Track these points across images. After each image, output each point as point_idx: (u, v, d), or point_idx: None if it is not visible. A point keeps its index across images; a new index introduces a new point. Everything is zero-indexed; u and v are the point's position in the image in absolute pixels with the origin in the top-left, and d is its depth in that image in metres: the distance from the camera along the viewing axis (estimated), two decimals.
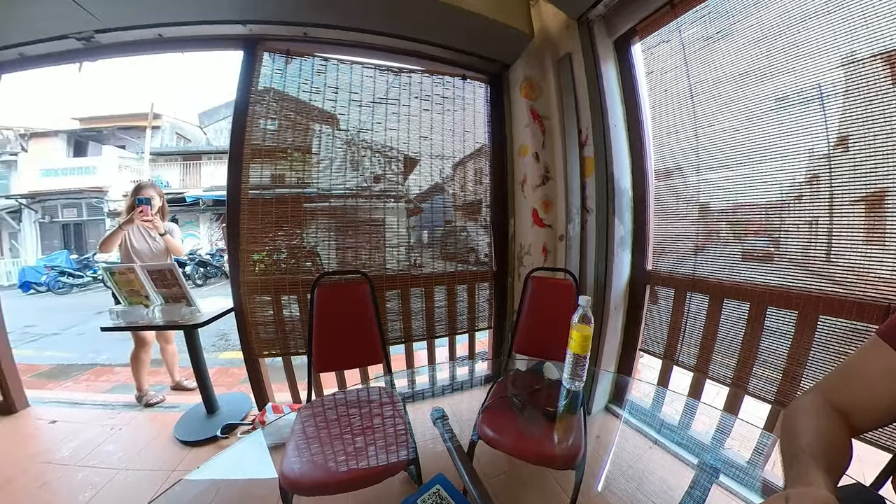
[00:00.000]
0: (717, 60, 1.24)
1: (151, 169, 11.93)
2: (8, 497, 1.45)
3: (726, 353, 1.26)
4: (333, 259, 1.84)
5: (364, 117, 1.84)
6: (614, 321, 1.62)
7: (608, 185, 1.55)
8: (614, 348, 1.65)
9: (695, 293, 1.36)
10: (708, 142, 1.30)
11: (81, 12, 1.59)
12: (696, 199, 1.38)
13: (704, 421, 1.12)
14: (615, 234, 1.55)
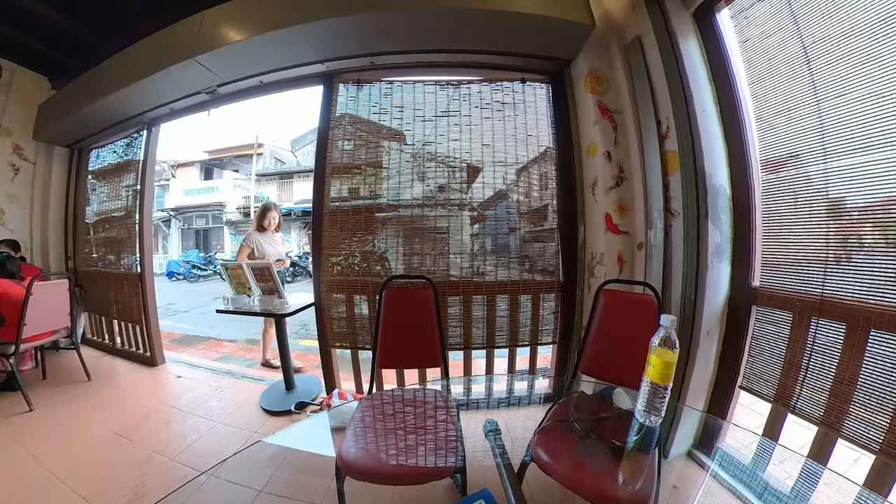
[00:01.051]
0: (844, 6, 0.94)
1: (257, 187, 15.10)
2: (146, 427, 1.97)
3: (873, 405, 0.92)
4: (401, 264, 1.98)
5: (428, 131, 1.94)
6: (706, 348, 1.36)
7: (697, 183, 1.31)
8: (704, 382, 1.39)
9: (824, 319, 1.04)
10: (837, 117, 0.99)
11: (208, 73, 2.13)
12: (824, 195, 1.04)
13: (831, 496, 0.83)
14: (708, 241, 1.30)
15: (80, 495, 1.41)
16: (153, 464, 1.61)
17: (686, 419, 1.18)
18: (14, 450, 1.74)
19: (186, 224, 16.22)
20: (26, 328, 2.20)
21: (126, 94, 2.52)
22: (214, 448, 1.72)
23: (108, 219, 3.35)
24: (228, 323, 4.51)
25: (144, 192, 3.03)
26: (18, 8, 2.43)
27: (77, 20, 2.59)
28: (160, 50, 2.22)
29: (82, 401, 2.29)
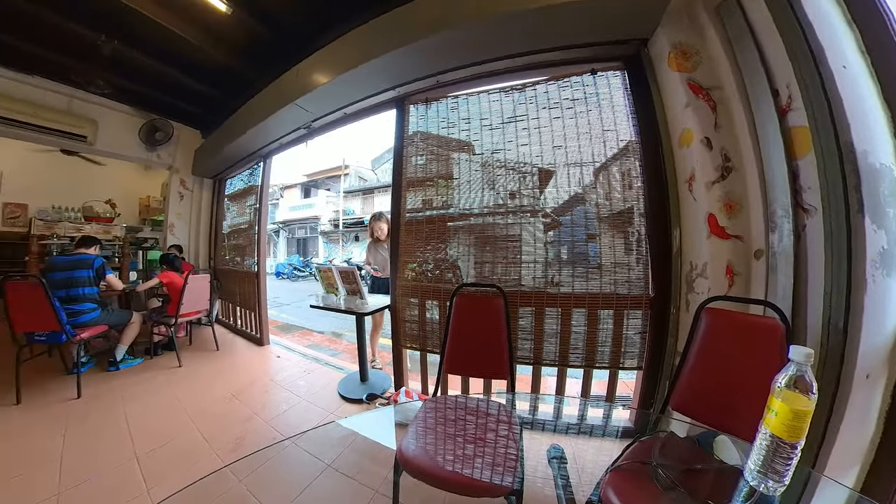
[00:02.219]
0: None
1: (344, 202, 17.56)
2: (251, 392, 2.43)
3: None
4: (472, 272, 1.99)
5: (496, 139, 1.92)
6: (863, 398, 0.94)
7: (844, 166, 0.96)
8: (859, 447, 0.96)
9: None
10: None
11: (304, 112, 2.61)
12: None
13: None
14: (866, 245, 0.93)
15: (201, 434, 1.89)
16: (252, 422, 2.01)
17: (824, 495, 0.79)
18: (166, 392, 2.44)
19: (290, 234, 20.05)
20: (183, 307, 3.04)
21: (249, 136, 3.26)
22: (298, 420, 2.02)
23: (236, 230, 4.32)
24: (319, 317, 5.33)
25: (261, 210, 3.80)
26: (183, 86, 3.45)
27: (216, 89, 3.48)
28: (270, 99, 2.82)
29: (212, 365, 3.03)
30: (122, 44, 2.73)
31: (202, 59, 2.94)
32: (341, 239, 17.85)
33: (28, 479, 1.49)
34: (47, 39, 2.79)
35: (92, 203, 5.24)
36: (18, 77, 3.25)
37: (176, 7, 2.34)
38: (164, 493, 1.28)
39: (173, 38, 2.56)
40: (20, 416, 2.05)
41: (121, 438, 1.84)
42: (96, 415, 2.09)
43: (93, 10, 2.39)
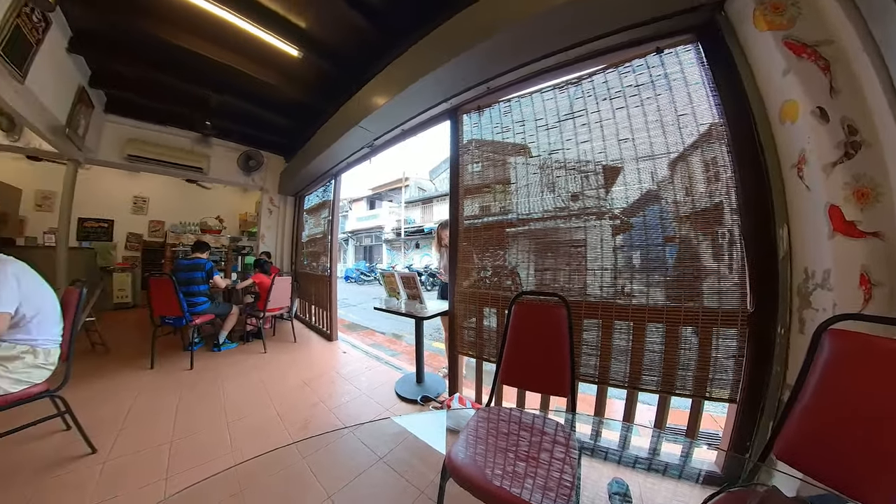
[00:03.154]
0: None
1: (405, 212, 18.58)
2: (319, 382, 2.70)
3: None
4: (532, 279, 1.90)
5: (553, 139, 1.83)
6: None
7: None
8: None
9: None
10: None
11: (367, 132, 2.90)
12: None
13: None
14: None
15: (277, 412, 2.18)
16: (318, 409, 2.23)
17: None
18: (253, 373, 2.89)
19: (358, 242, 22.41)
20: (269, 304, 3.64)
21: (322, 158, 3.74)
22: (357, 412, 2.18)
23: (313, 239, 4.94)
24: (381, 318, 5.75)
25: (333, 221, 4.26)
26: (269, 121, 4.33)
27: (294, 120, 4.22)
28: (338, 124, 3.20)
29: (289, 354, 3.48)
30: (223, 94, 3.56)
31: (281, 97, 3.64)
32: (403, 246, 18.86)
33: (153, 426, 1.97)
34: (173, 99, 3.80)
35: (206, 219, 7.00)
36: (157, 128, 4.43)
37: (258, 58, 2.93)
38: (246, 455, 1.70)
39: (258, 83, 3.21)
40: (152, 378, 2.75)
41: (217, 406, 2.27)
42: (202, 385, 2.64)
43: (202, 72, 3.19)
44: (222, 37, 2.68)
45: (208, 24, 2.53)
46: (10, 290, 1.44)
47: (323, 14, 2.50)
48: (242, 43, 2.71)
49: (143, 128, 4.30)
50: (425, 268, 12.71)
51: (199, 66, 3.05)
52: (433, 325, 4.80)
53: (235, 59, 2.90)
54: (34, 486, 1.44)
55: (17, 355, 1.51)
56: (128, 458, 1.67)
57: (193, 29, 2.63)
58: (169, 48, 2.76)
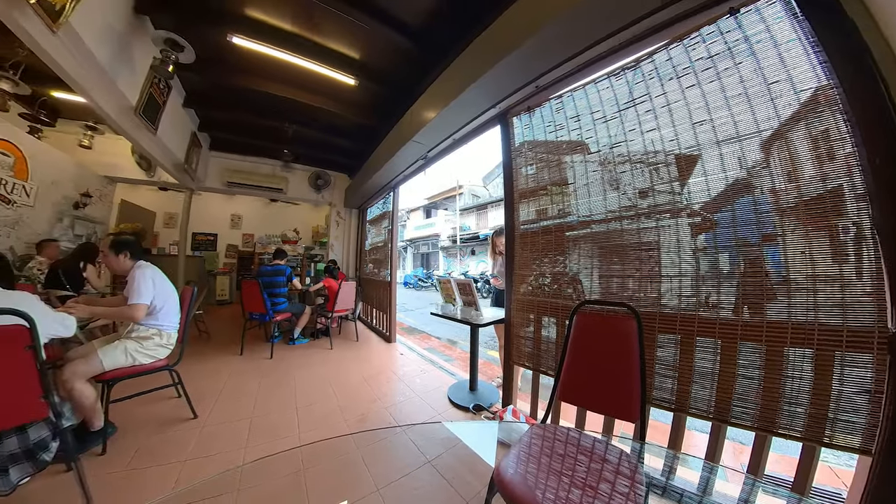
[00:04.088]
0: None
1: (460, 219, 18.82)
2: (377, 380, 2.87)
3: None
4: (596, 287, 1.74)
5: (613, 131, 1.68)
6: None
7: None
8: None
9: None
10: None
11: (420, 145, 3.07)
12: None
13: None
14: None
15: (338, 404, 2.37)
16: (375, 405, 2.36)
17: None
18: (320, 368, 3.16)
19: (416, 249, 23.56)
20: (337, 305, 4.01)
21: (381, 173, 4.03)
22: (410, 412, 2.24)
23: (375, 248, 5.33)
24: (437, 323, 5.97)
25: (393, 230, 4.52)
26: (335, 145, 4.93)
27: (355, 141, 4.70)
28: (393, 141, 3.42)
29: (352, 352, 3.79)
30: (296, 125, 4.23)
31: (343, 122, 4.17)
32: (459, 253, 19.08)
33: (238, 403, 2.35)
34: (258, 134, 4.63)
35: (286, 231, 8.32)
36: (247, 159, 5.44)
37: (322, 91, 3.42)
38: (309, 438, 1.87)
39: (323, 112, 3.73)
40: (240, 363, 3.29)
41: (289, 392, 2.57)
42: (278, 373, 3.03)
43: (279, 110, 3.86)
44: (292, 78, 3.21)
45: (281, 70, 3.05)
46: (149, 287, 1.92)
47: (372, 44, 2.78)
48: (308, 80, 3.19)
49: (237, 160, 5.39)
50: (481, 274, 12.66)
51: (276, 105, 3.70)
52: (488, 332, 4.74)
53: (303, 95, 3.42)
54: (155, 437, 1.87)
55: (149, 336, 1.95)
56: (219, 426, 2.03)
57: (270, 75, 3.20)
58: (253, 94, 3.41)
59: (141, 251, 2.07)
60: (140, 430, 1.94)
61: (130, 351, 1.86)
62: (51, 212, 4.06)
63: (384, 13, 2.40)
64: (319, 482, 1.32)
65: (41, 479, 1.35)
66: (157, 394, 2.17)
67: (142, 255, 2.06)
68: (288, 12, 2.49)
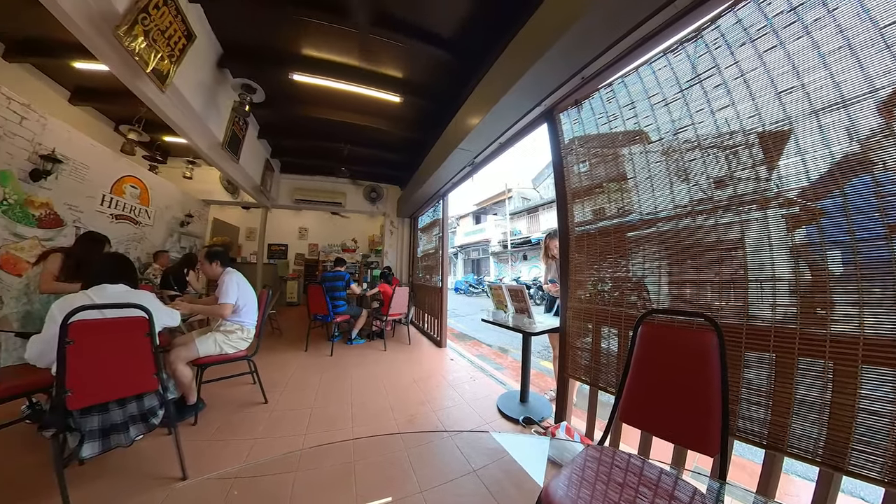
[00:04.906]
0: None
1: (511, 223, 18.27)
2: (426, 383, 2.94)
3: None
4: (665, 294, 1.54)
5: (677, 114, 1.49)
6: None
7: None
8: None
9: None
10: None
11: (466, 152, 3.11)
12: None
13: None
14: None
15: (389, 403, 2.46)
16: (423, 407, 2.41)
17: None
18: (374, 368, 3.34)
19: (466, 255, 23.68)
20: (391, 309, 4.25)
21: (430, 183, 4.18)
22: (458, 418, 2.24)
23: (426, 254, 5.51)
24: (488, 330, 5.88)
25: (443, 237, 4.63)
26: (385, 160, 5.36)
27: (404, 154, 5.04)
28: (440, 151, 3.53)
29: (404, 354, 3.94)
30: (351, 145, 4.75)
31: (391, 138, 4.52)
32: (510, 258, 18.65)
33: (302, 394, 2.60)
34: (319, 156, 5.26)
35: (345, 241, 9.24)
36: (310, 178, 6.21)
37: (371, 112, 3.79)
38: (361, 433, 1.99)
39: (373, 130, 4.15)
40: (305, 358, 3.64)
41: (346, 388, 2.76)
42: (336, 369, 3.27)
43: (335, 133, 4.42)
44: (344, 103, 3.64)
45: (334, 97, 3.51)
46: (234, 290, 2.28)
47: (412, 61, 2.98)
48: (358, 103, 3.58)
49: (303, 179, 6.19)
50: (534, 280, 12.16)
51: (333, 129, 4.26)
52: (542, 342, 4.56)
53: (355, 117, 3.84)
54: (234, 416, 2.20)
55: (233, 330, 2.30)
56: (285, 412, 2.27)
57: (325, 103, 3.69)
58: (313, 121, 4.00)
59: (229, 260, 2.48)
60: (223, 408, 2.30)
61: (219, 342, 2.21)
62: (164, 229, 5.08)
63: (420, 31, 2.57)
64: (367, 475, 1.38)
65: (149, 439, 1.67)
66: (236, 379, 2.60)
67: (229, 263, 2.46)
68: (336, 46, 2.85)
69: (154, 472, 1.58)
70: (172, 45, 2.19)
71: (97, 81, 3.63)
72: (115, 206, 3.98)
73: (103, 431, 1.35)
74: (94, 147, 3.58)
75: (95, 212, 3.68)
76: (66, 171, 3.19)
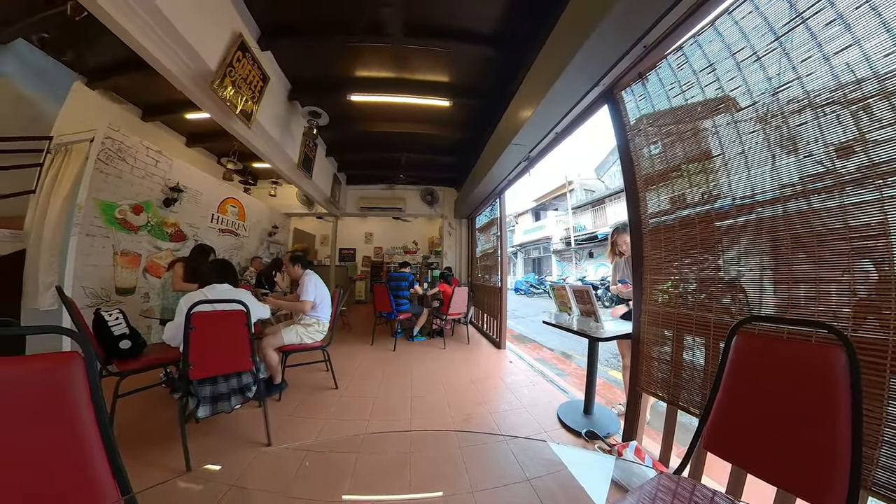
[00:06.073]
0: None
1: (574, 218, 16.89)
2: (484, 384, 2.92)
3: None
4: (768, 297, 1.24)
5: (772, 69, 1.21)
6: None
7: None
8: None
9: None
10: None
11: (521, 147, 3.02)
12: None
13: None
14: None
15: (446, 400, 2.52)
16: (479, 408, 2.39)
17: None
18: (433, 365, 3.43)
19: (526, 255, 22.65)
20: (450, 309, 4.38)
21: (485, 182, 4.18)
22: (515, 423, 2.18)
23: (485, 254, 5.51)
24: (550, 333, 5.55)
25: (502, 236, 4.56)
26: (440, 163, 5.64)
27: (457, 157, 5.20)
28: (493, 149, 3.50)
29: (462, 354, 3.98)
30: (407, 153, 5.11)
31: (444, 141, 4.74)
32: (574, 257, 17.34)
33: (367, 384, 2.83)
34: (380, 166, 5.78)
35: (406, 243, 9.81)
36: (373, 187, 6.81)
37: (425, 119, 4.02)
38: (418, 425, 2.08)
39: (426, 136, 4.39)
40: (371, 351, 3.96)
41: (406, 382, 2.89)
42: (398, 364, 3.45)
43: (392, 143, 4.80)
44: (397, 115, 3.94)
45: (388, 111, 3.85)
46: (312, 289, 2.61)
47: (457, 64, 3.07)
48: (410, 113, 3.86)
49: (367, 189, 6.80)
50: (601, 280, 11.02)
51: (390, 140, 4.66)
52: (610, 349, 4.14)
53: (408, 126, 4.12)
54: (309, 397, 2.51)
55: (311, 323, 2.62)
56: (352, 399, 2.51)
57: (381, 117, 4.06)
58: (371, 135, 4.45)
59: (307, 263, 2.84)
60: (301, 389, 2.65)
61: (300, 333, 2.54)
62: (256, 239, 6.14)
63: (461, 32, 2.62)
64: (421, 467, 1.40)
65: (245, 409, 2.03)
66: (313, 366, 2.94)
67: (308, 265, 2.81)
68: (385, 63, 3.14)
69: (247, 436, 1.92)
70: (253, 87, 2.64)
71: (202, 127, 4.64)
72: (221, 223, 5.05)
73: (213, 398, 1.70)
74: (204, 178, 4.59)
75: (208, 227, 4.72)
76: (186, 197, 4.12)
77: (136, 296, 3.40)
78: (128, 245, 3.32)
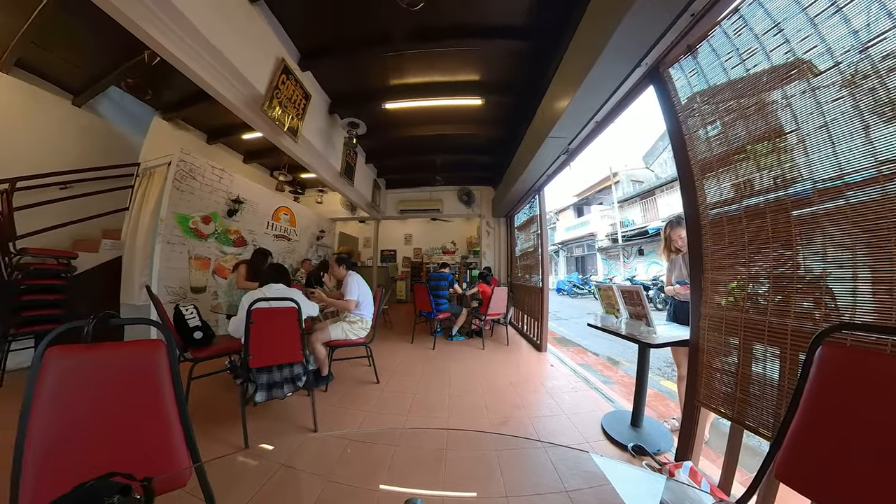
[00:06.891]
0: None
1: (620, 213, 15.62)
2: (523, 387, 2.83)
3: None
4: (864, 300, 1.01)
5: (858, 21, 1.01)
6: None
7: None
8: None
9: None
10: None
11: (559, 140, 2.91)
12: None
13: None
14: None
15: (483, 401, 2.48)
16: (517, 411, 2.33)
17: None
18: (472, 365, 3.45)
19: (569, 253, 21.29)
20: (490, 309, 4.27)
21: (523, 179, 4.08)
22: (555, 430, 2.08)
23: (525, 253, 5.35)
24: (595, 337, 5.21)
25: (542, 234, 4.39)
26: (476, 163, 5.71)
27: (493, 155, 5.23)
28: (530, 144, 3.40)
29: (502, 355, 3.92)
30: (442, 154, 5.23)
31: (479, 140, 4.77)
32: (622, 254, 15.95)
33: (407, 380, 2.93)
34: (417, 169, 5.95)
35: (445, 243, 9.89)
36: (412, 190, 7.04)
37: (458, 120, 4.08)
38: (455, 424, 2.08)
39: (461, 137, 4.47)
40: (411, 349, 4.05)
41: (445, 380, 2.94)
42: (437, 361, 3.53)
43: (428, 146, 4.90)
44: (431, 118, 4.03)
45: (422, 115, 3.95)
46: (356, 288, 2.75)
47: (488, 60, 3.05)
48: (443, 115, 3.94)
49: (405, 192, 7.01)
50: (653, 280, 9.97)
51: (425, 143, 4.78)
52: (663, 357, 3.74)
53: (442, 128, 4.20)
54: (353, 390, 2.67)
55: (356, 321, 2.77)
56: (392, 393, 2.60)
57: (415, 122, 4.18)
58: (407, 140, 4.59)
59: (351, 264, 3.01)
60: (345, 382, 2.83)
61: (345, 329, 2.71)
62: (306, 243, 6.68)
63: (487, 28, 2.61)
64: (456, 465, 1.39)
65: (295, 397, 2.22)
66: (356, 360, 3.09)
67: (352, 266, 2.98)
68: (415, 69, 3.26)
69: (296, 422, 2.10)
70: (297, 106, 2.90)
71: (256, 145, 5.27)
72: (275, 229, 5.64)
73: (268, 385, 1.89)
74: (260, 190, 5.19)
75: (264, 233, 5.32)
76: (246, 208, 4.70)
77: (206, 293, 3.99)
78: (199, 250, 3.91)
